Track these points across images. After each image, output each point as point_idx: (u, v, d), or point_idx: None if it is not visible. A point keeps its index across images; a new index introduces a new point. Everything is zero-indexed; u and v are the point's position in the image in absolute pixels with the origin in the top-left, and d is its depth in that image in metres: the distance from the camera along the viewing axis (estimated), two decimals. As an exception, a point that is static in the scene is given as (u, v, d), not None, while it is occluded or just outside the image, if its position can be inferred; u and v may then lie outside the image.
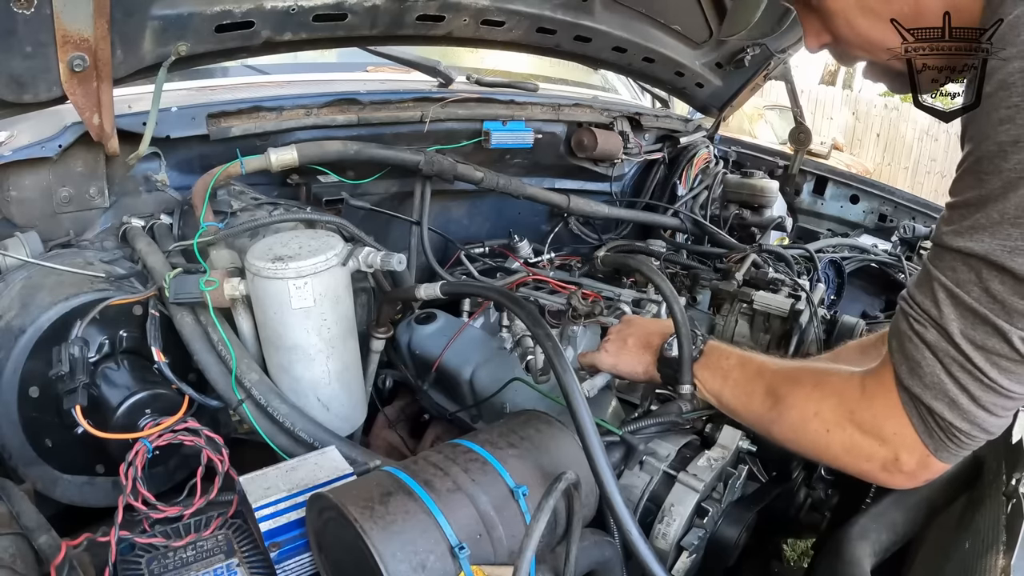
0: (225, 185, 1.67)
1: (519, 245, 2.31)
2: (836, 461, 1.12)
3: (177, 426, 1.24)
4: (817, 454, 1.16)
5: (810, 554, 2.42)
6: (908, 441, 1.00)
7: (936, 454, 0.99)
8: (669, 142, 2.85)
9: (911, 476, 1.04)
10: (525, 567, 0.92)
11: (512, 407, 1.66)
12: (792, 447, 1.20)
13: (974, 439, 0.96)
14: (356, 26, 1.75)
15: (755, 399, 1.25)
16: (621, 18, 2.19)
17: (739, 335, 1.91)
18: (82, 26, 1.26)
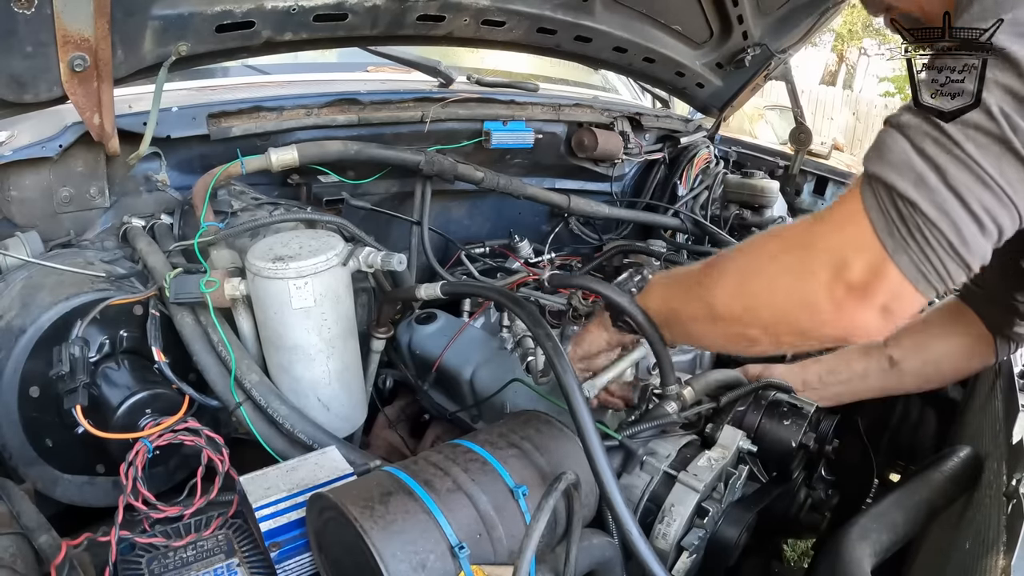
0: (225, 185, 1.67)
1: (519, 245, 2.31)
2: (779, 298, 0.97)
3: (177, 426, 1.24)
4: (758, 299, 1.01)
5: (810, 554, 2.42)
6: (861, 239, 0.88)
7: (894, 256, 0.86)
8: (669, 142, 2.84)
9: (862, 293, 0.89)
10: (525, 567, 0.92)
11: (512, 407, 1.66)
12: (736, 307, 1.05)
13: (940, 242, 0.84)
14: (357, 26, 1.75)
15: (692, 277, 1.14)
16: (622, 18, 2.19)
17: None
18: (83, 26, 1.26)
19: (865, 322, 0.92)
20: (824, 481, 1.88)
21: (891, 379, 1.61)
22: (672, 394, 1.40)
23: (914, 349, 1.59)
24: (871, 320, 0.91)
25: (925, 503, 1.38)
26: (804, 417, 1.51)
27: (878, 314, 0.91)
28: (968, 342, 1.54)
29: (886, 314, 0.91)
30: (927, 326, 1.61)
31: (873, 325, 0.92)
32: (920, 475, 1.45)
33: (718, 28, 2.37)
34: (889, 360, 1.60)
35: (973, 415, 1.72)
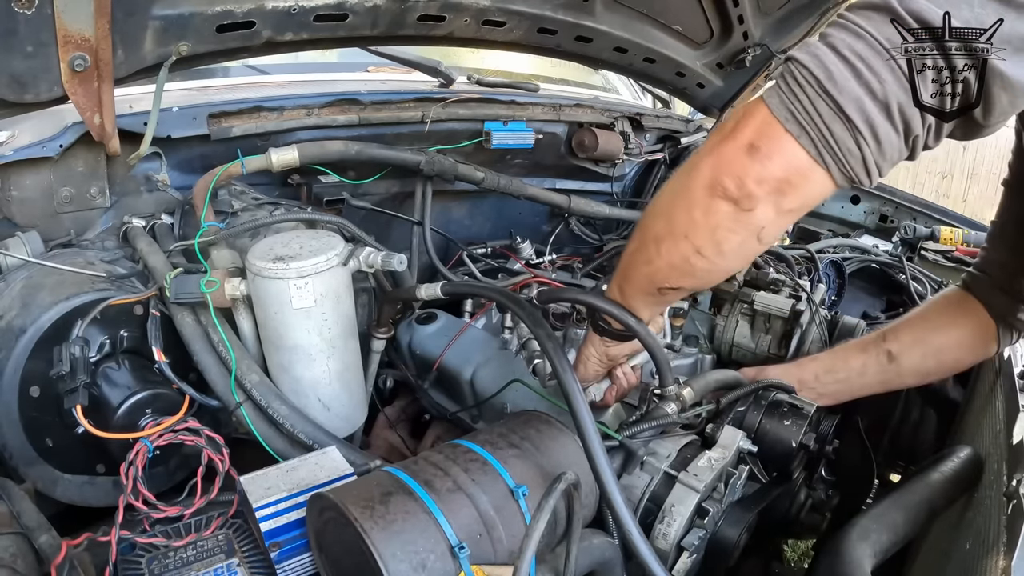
0: (226, 185, 1.67)
1: (521, 246, 2.31)
2: (696, 188, 0.99)
3: (178, 426, 1.24)
4: (682, 200, 1.03)
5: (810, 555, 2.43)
6: (757, 110, 0.91)
7: (765, 98, 0.89)
8: (670, 142, 2.84)
9: (731, 134, 0.92)
10: (525, 567, 0.92)
11: (513, 407, 1.66)
12: (662, 222, 1.08)
13: (808, 80, 0.86)
14: (357, 26, 1.75)
15: (635, 234, 1.16)
16: (622, 18, 2.19)
17: (740, 336, 1.91)
18: (83, 26, 1.26)
19: (731, 159, 0.93)
20: (824, 481, 1.88)
21: (890, 374, 1.60)
22: (671, 395, 1.40)
23: (913, 343, 1.58)
24: (736, 158, 0.92)
25: (925, 503, 1.38)
26: (804, 417, 1.51)
27: (744, 151, 0.92)
28: (968, 333, 1.54)
29: (752, 151, 0.91)
30: (926, 320, 1.61)
31: (738, 163, 0.92)
32: (920, 475, 1.45)
33: (718, 28, 2.37)
34: (888, 355, 1.59)
35: (973, 415, 1.72)
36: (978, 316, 1.51)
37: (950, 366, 1.63)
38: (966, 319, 1.53)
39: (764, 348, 1.87)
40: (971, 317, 1.52)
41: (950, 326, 1.57)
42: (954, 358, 1.60)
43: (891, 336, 1.60)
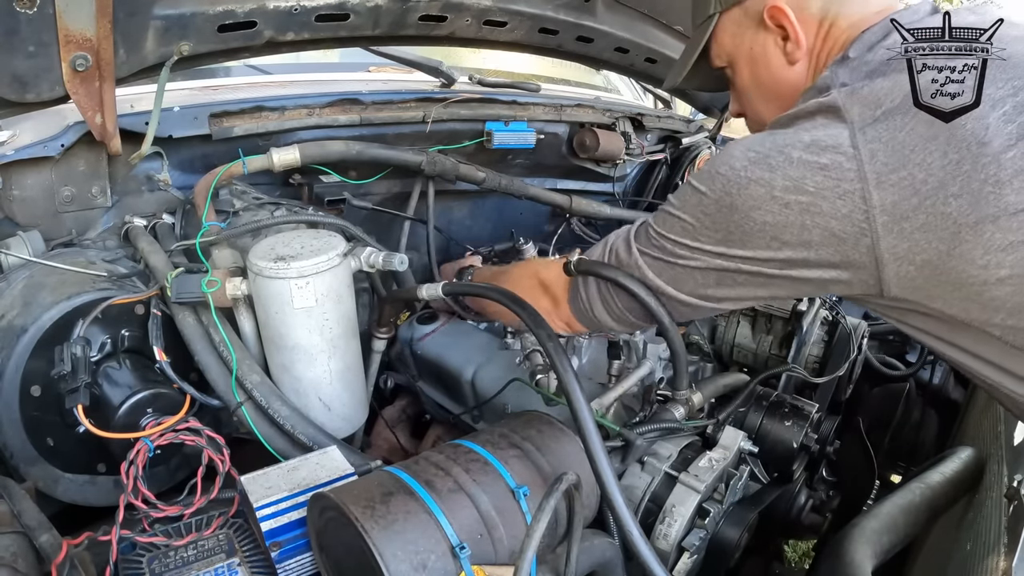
0: (227, 185, 1.67)
1: (525, 248, 2.31)
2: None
3: (178, 425, 1.24)
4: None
5: (811, 555, 2.42)
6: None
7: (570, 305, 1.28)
8: (671, 143, 2.84)
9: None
10: (526, 567, 0.92)
11: (514, 407, 1.66)
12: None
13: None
14: (358, 26, 1.75)
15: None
16: (623, 19, 2.19)
17: (741, 336, 1.91)
18: (85, 26, 1.26)
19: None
20: (825, 482, 1.88)
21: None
22: (682, 399, 1.40)
23: None
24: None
25: (926, 504, 1.38)
26: (805, 418, 1.51)
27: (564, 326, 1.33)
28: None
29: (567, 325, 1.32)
30: None
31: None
32: (921, 476, 1.45)
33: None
34: None
35: (974, 416, 1.72)
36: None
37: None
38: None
39: (765, 349, 1.87)
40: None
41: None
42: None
43: None
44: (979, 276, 0.89)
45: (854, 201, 0.91)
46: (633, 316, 1.21)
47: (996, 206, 0.86)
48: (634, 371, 1.54)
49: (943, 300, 0.94)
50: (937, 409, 2.03)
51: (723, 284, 1.07)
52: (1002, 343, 0.94)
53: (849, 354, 1.77)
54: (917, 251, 0.91)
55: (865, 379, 2.01)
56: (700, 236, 1.05)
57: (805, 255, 0.97)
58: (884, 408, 2.02)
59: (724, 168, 1.01)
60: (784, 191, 0.95)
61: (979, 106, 0.87)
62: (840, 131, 0.93)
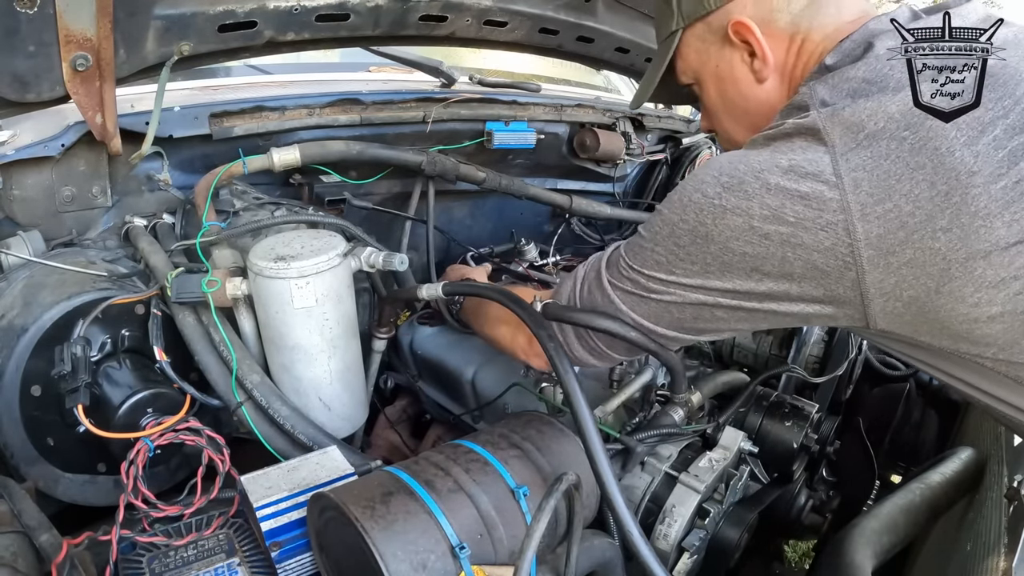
0: (227, 185, 1.67)
1: (526, 248, 2.31)
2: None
3: (179, 425, 1.24)
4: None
5: (811, 555, 2.42)
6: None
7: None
8: (672, 143, 2.84)
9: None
10: (526, 567, 0.92)
11: (514, 408, 1.66)
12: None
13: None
14: (359, 26, 1.75)
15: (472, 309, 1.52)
16: (624, 19, 2.19)
17: (741, 337, 1.91)
18: (85, 25, 1.26)
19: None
20: (825, 482, 1.88)
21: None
22: (681, 401, 1.40)
23: None
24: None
25: (926, 505, 1.38)
26: (805, 418, 1.51)
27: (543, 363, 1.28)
28: None
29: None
30: None
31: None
32: (921, 477, 1.45)
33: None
34: None
35: (974, 417, 1.72)
36: None
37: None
38: None
39: (765, 349, 1.87)
40: None
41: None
42: None
43: None
44: (969, 314, 0.86)
45: (837, 233, 0.86)
46: (614, 352, 1.17)
47: (987, 240, 0.82)
48: (636, 378, 1.54)
49: (931, 335, 0.91)
50: (937, 409, 2.03)
51: (701, 318, 1.03)
52: (994, 373, 0.92)
53: (849, 354, 1.77)
54: (904, 287, 0.87)
55: (865, 379, 2.01)
56: (675, 269, 1.00)
57: (787, 288, 0.93)
58: (884, 408, 2.02)
59: (696, 195, 0.96)
60: (763, 221, 0.90)
61: (979, 106, 0.85)
62: (821, 156, 0.88)
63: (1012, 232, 0.82)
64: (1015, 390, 0.92)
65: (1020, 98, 0.85)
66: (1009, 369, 0.90)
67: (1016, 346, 0.87)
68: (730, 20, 1.09)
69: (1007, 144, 0.83)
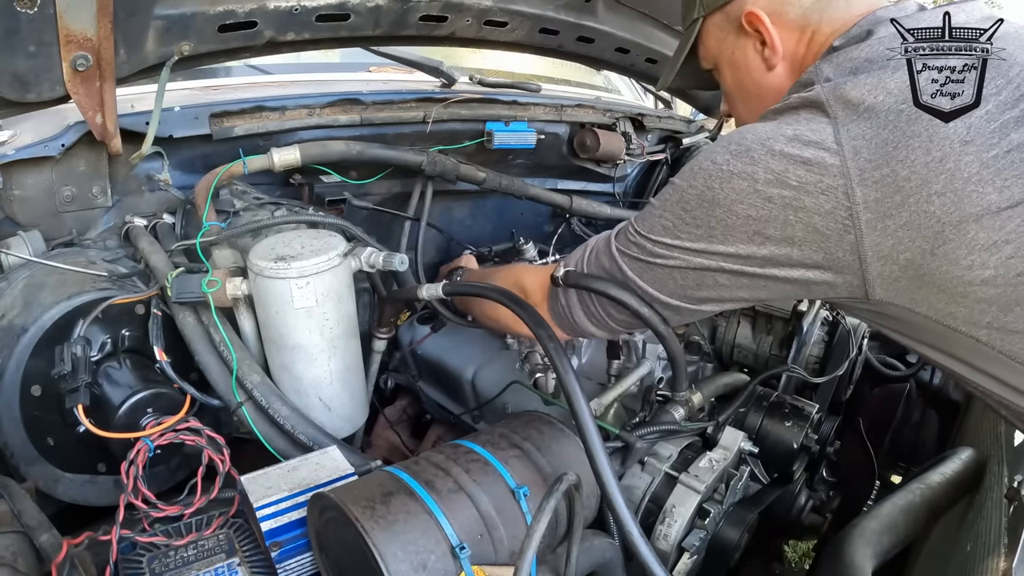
0: (228, 185, 1.67)
1: (525, 248, 2.31)
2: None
3: (179, 425, 1.24)
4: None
5: (811, 556, 2.42)
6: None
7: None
8: (672, 143, 2.84)
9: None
10: (526, 567, 0.92)
11: (514, 408, 1.66)
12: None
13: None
14: (359, 26, 1.75)
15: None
16: (624, 19, 2.19)
17: (741, 337, 1.91)
18: (85, 25, 1.26)
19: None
20: (825, 482, 1.88)
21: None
22: (681, 400, 1.40)
23: None
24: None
25: (926, 505, 1.38)
26: (806, 418, 1.51)
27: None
28: None
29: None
30: None
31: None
32: (921, 477, 1.45)
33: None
34: None
35: (974, 416, 1.72)
36: None
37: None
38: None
39: (765, 349, 1.87)
40: None
41: None
42: None
43: None
44: (963, 276, 0.89)
45: (837, 197, 0.90)
46: (613, 321, 1.20)
47: (979, 204, 0.86)
48: (633, 371, 1.54)
49: (928, 304, 0.94)
50: (937, 409, 2.03)
51: (704, 285, 1.06)
52: (989, 348, 0.93)
53: (849, 354, 1.77)
54: (901, 249, 0.90)
55: (865, 379, 2.01)
56: (680, 234, 1.03)
57: (788, 252, 0.96)
58: (884, 408, 2.02)
59: (706, 163, 1.01)
60: (767, 184, 0.94)
61: (979, 106, 0.86)
62: (824, 126, 0.93)
63: (1003, 197, 0.86)
64: (1011, 368, 0.94)
65: (1013, 78, 0.89)
66: (1004, 342, 0.92)
67: (1010, 312, 0.90)
68: (744, 10, 1.14)
69: (999, 118, 0.87)
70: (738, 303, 1.10)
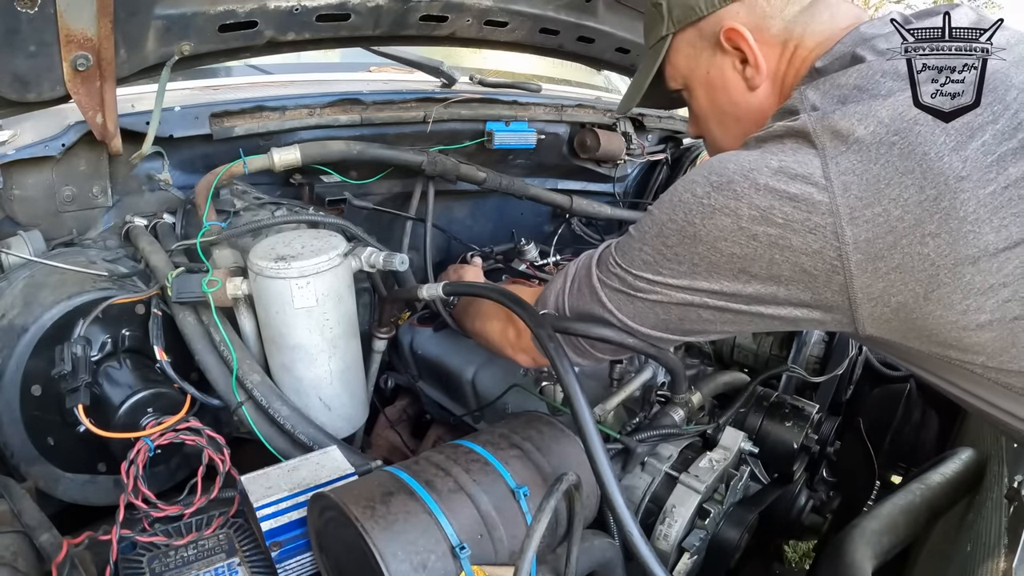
0: (228, 184, 1.67)
1: (526, 248, 2.31)
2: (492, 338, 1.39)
3: (179, 425, 1.24)
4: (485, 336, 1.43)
5: (811, 556, 2.42)
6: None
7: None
8: (672, 143, 2.84)
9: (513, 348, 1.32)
10: (526, 567, 0.92)
11: (514, 408, 1.66)
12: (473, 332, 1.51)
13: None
14: (359, 26, 1.75)
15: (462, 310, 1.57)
16: (624, 19, 2.19)
17: (741, 337, 1.91)
18: (86, 25, 1.26)
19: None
20: (826, 483, 1.88)
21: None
22: (682, 401, 1.40)
23: None
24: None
25: (926, 505, 1.38)
26: (806, 419, 1.51)
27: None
28: None
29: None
30: None
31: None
32: (922, 477, 1.45)
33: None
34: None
35: (975, 417, 1.72)
36: None
37: None
38: None
39: (766, 349, 1.87)
40: None
41: None
42: None
43: None
44: (958, 321, 0.86)
45: (826, 236, 0.86)
46: (597, 351, 1.17)
47: (975, 246, 0.82)
48: (636, 376, 1.53)
49: (920, 341, 0.90)
50: (937, 410, 2.03)
51: (687, 319, 1.02)
52: (984, 379, 0.91)
53: (849, 354, 1.77)
54: (892, 292, 0.86)
55: (865, 379, 2.01)
56: (662, 269, 0.99)
57: (774, 291, 0.92)
58: (884, 409, 2.02)
59: (687, 196, 0.96)
60: (751, 221, 0.89)
61: (979, 106, 0.85)
62: (811, 158, 0.88)
63: (1001, 237, 0.82)
64: (1006, 395, 0.92)
65: (1010, 104, 0.85)
66: (999, 376, 0.89)
67: (1006, 354, 0.87)
68: (722, 26, 1.08)
69: (996, 150, 0.83)
70: (724, 335, 1.07)
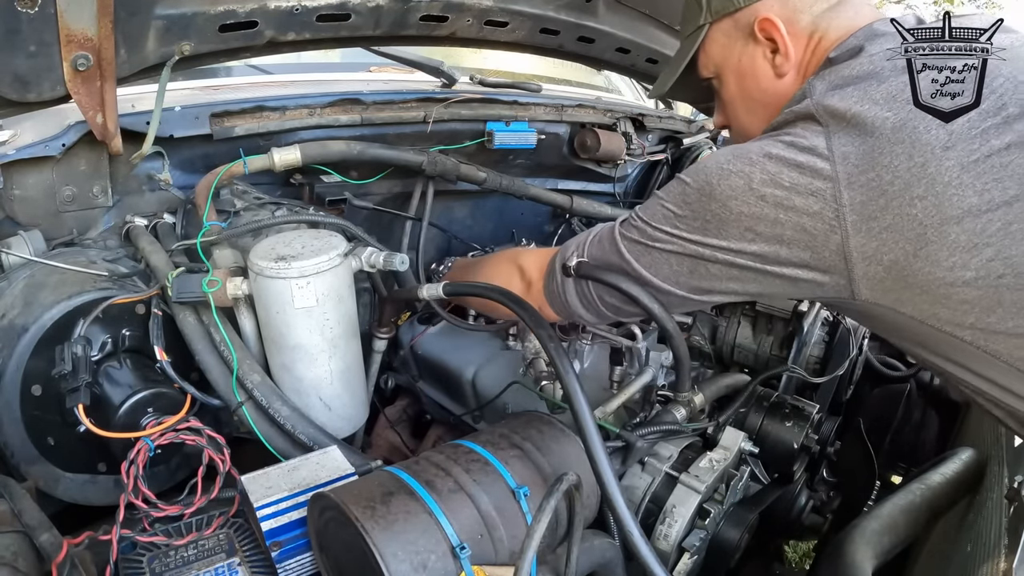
0: (228, 184, 1.67)
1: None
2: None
3: (179, 425, 1.24)
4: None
5: (812, 556, 2.42)
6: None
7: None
8: (672, 143, 2.84)
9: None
10: (526, 567, 0.92)
11: (514, 408, 1.66)
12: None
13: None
14: (359, 26, 1.75)
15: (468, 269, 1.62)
16: (625, 19, 2.19)
17: (742, 337, 1.91)
18: (86, 25, 1.26)
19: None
20: (826, 483, 1.88)
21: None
22: (683, 400, 1.40)
23: None
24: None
25: (927, 505, 1.38)
26: (806, 419, 1.51)
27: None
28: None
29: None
30: None
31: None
32: (922, 477, 1.45)
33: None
34: None
35: (975, 417, 1.72)
36: None
37: None
38: None
39: (766, 349, 1.87)
40: None
41: None
42: None
43: None
44: (945, 278, 0.92)
45: (825, 199, 0.95)
46: (603, 305, 1.23)
47: (959, 207, 0.89)
48: (636, 379, 1.53)
49: (912, 304, 0.97)
50: (938, 410, 2.03)
51: (696, 273, 1.10)
52: (974, 348, 0.96)
53: (849, 354, 1.77)
54: (884, 251, 0.94)
55: (866, 380, 2.01)
56: (679, 224, 1.09)
57: (777, 249, 1.01)
58: (885, 409, 2.02)
59: (710, 163, 1.07)
60: (761, 184, 0.99)
61: (979, 106, 0.88)
62: (817, 135, 0.97)
63: (983, 200, 0.89)
64: (994, 366, 0.97)
65: (996, 88, 0.92)
66: (987, 342, 0.95)
67: (993, 314, 0.93)
68: (757, 17, 1.16)
69: (980, 125, 0.91)
70: (728, 295, 1.13)
